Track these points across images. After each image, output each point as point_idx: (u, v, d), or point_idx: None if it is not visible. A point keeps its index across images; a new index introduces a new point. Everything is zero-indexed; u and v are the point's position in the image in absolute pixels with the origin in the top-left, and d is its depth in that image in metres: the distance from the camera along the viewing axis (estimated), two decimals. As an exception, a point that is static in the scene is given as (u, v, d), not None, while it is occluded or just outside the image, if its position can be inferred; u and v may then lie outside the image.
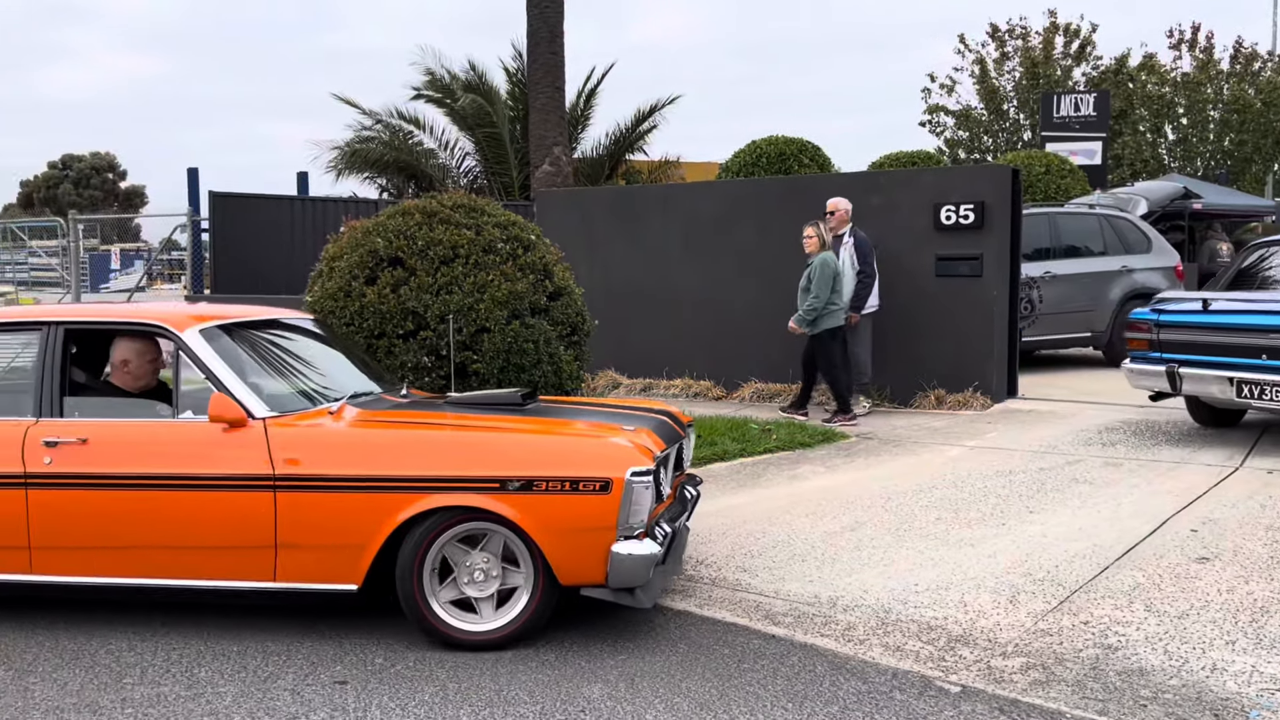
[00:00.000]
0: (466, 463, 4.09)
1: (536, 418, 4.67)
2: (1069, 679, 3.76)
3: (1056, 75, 29.66)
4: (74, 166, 64.75)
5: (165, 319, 4.57)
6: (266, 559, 4.17)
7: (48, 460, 4.26)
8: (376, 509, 4.07)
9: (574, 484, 4.01)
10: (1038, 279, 11.30)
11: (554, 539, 4.02)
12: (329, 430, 4.30)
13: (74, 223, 15.89)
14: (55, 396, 4.43)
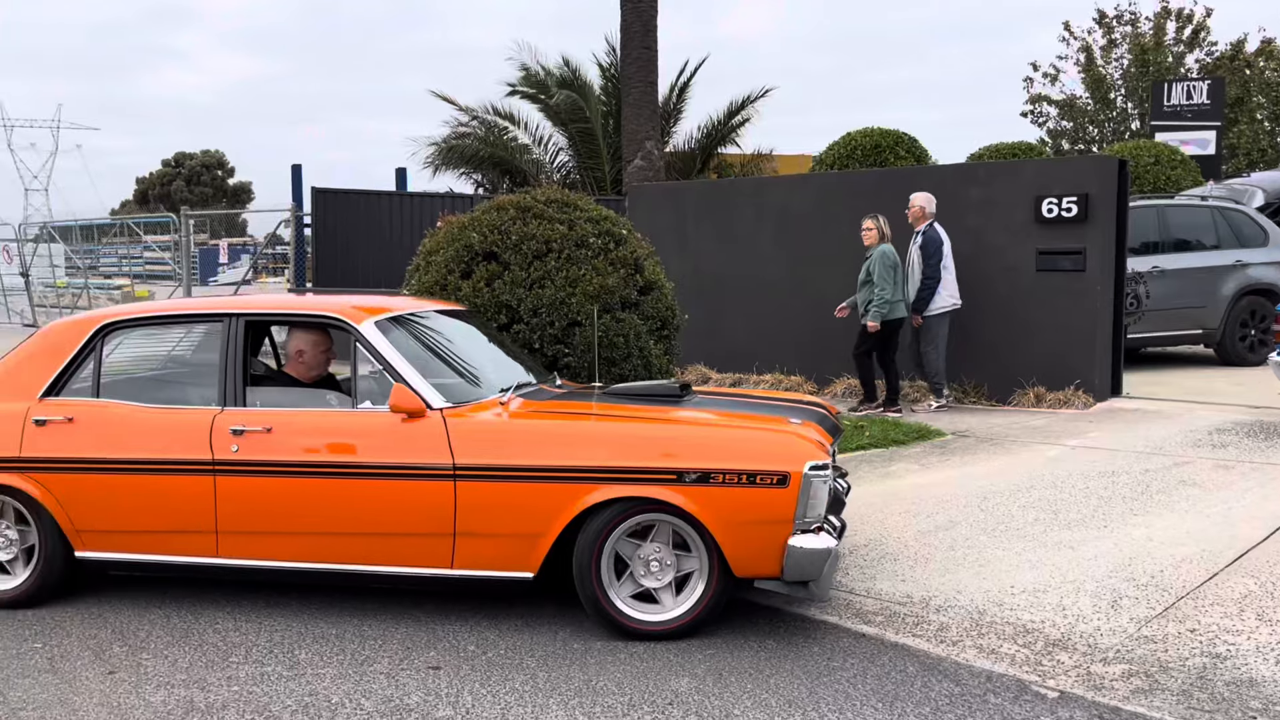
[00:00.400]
0: (644, 454, 4.12)
1: (700, 409, 4.71)
2: (1174, 688, 3.63)
3: (1167, 62, 28.57)
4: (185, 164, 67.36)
5: (341, 311, 4.65)
6: (445, 546, 4.24)
7: (235, 448, 4.38)
8: (555, 499, 4.12)
9: (751, 477, 4.02)
10: (1145, 274, 10.90)
11: (730, 531, 4.04)
12: (505, 421, 4.37)
13: (186, 218, 16.50)
14: (239, 386, 4.54)
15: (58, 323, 5.00)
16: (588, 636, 4.23)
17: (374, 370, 4.53)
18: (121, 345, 4.84)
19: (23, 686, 3.86)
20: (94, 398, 4.64)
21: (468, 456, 4.18)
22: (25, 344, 4.93)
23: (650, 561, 4.18)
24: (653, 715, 3.55)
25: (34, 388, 4.67)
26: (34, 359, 4.78)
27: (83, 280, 19.56)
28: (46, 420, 4.58)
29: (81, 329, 4.78)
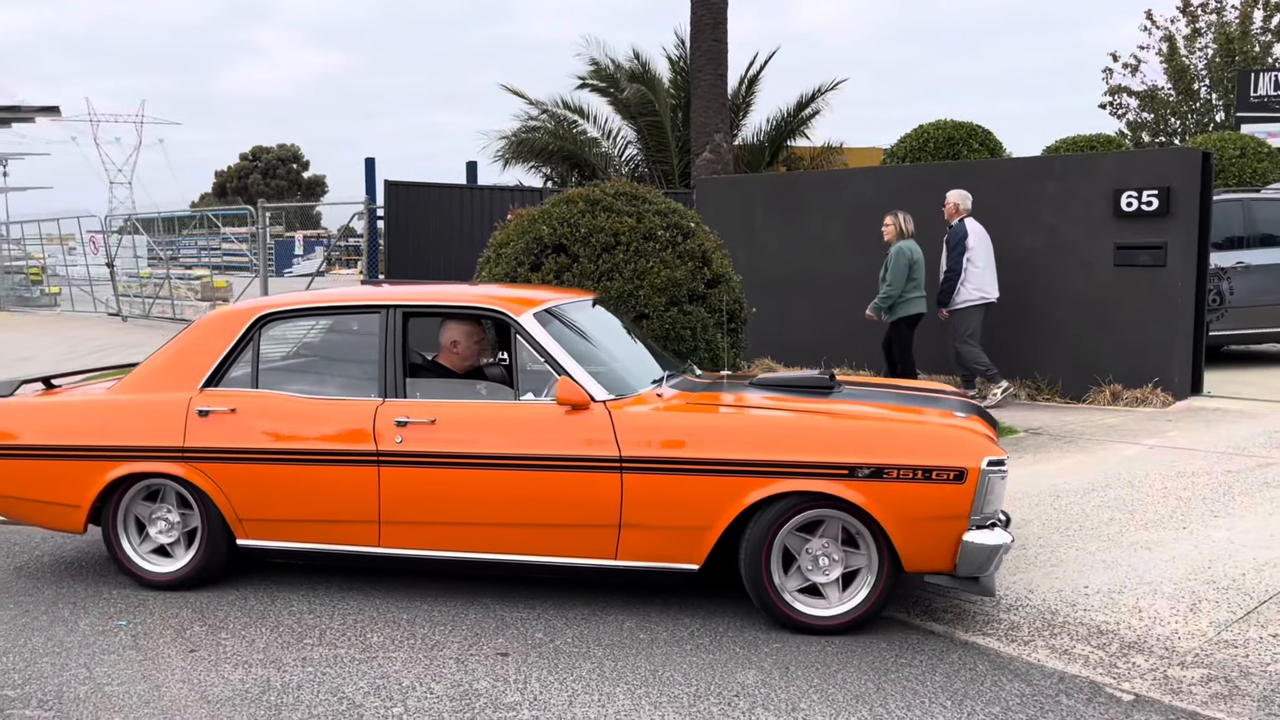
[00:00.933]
0: (816, 448, 4.09)
1: (858, 401, 4.67)
2: (1254, 694, 3.54)
3: (1254, 51, 27.62)
4: (262, 158, 68.89)
5: (501, 303, 4.66)
6: (609, 538, 4.25)
7: (399, 439, 4.40)
8: (725, 492, 4.11)
9: (927, 473, 3.99)
10: (1229, 269, 10.58)
11: (902, 526, 4.01)
12: (670, 413, 4.35)
13: (263, 211, 16.86)
14: (399, 377, 4.56)
15: (214, 313, 5.06)
16: (654, 627, 4.25)
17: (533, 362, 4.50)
18: (277, 335, 4.93)
19: (108, 662, 4.01)
20: (253, 388, 4.70)
21: (635, 449, 4.18)
22: (183, 334, 4.97)
23: (819, 557, 4.16)
24: (719, 707, 3.56)
25: (194, 378, 4.73)
26: (192, 349, 4.83)
27: (164, 271, 20.11)
28: (209, 411, 4.63)
29: (239, 319, 4.81)
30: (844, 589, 4.18)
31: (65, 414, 4.93)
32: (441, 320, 5.00)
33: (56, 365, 12.65)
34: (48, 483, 4.80)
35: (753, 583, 4.16)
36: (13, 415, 4.95)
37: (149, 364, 4.93)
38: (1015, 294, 9.14)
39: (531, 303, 4.68)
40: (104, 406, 4.90)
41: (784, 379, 4.98)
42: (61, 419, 4.90)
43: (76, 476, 4.74)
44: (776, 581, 4.15)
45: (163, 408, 4.71)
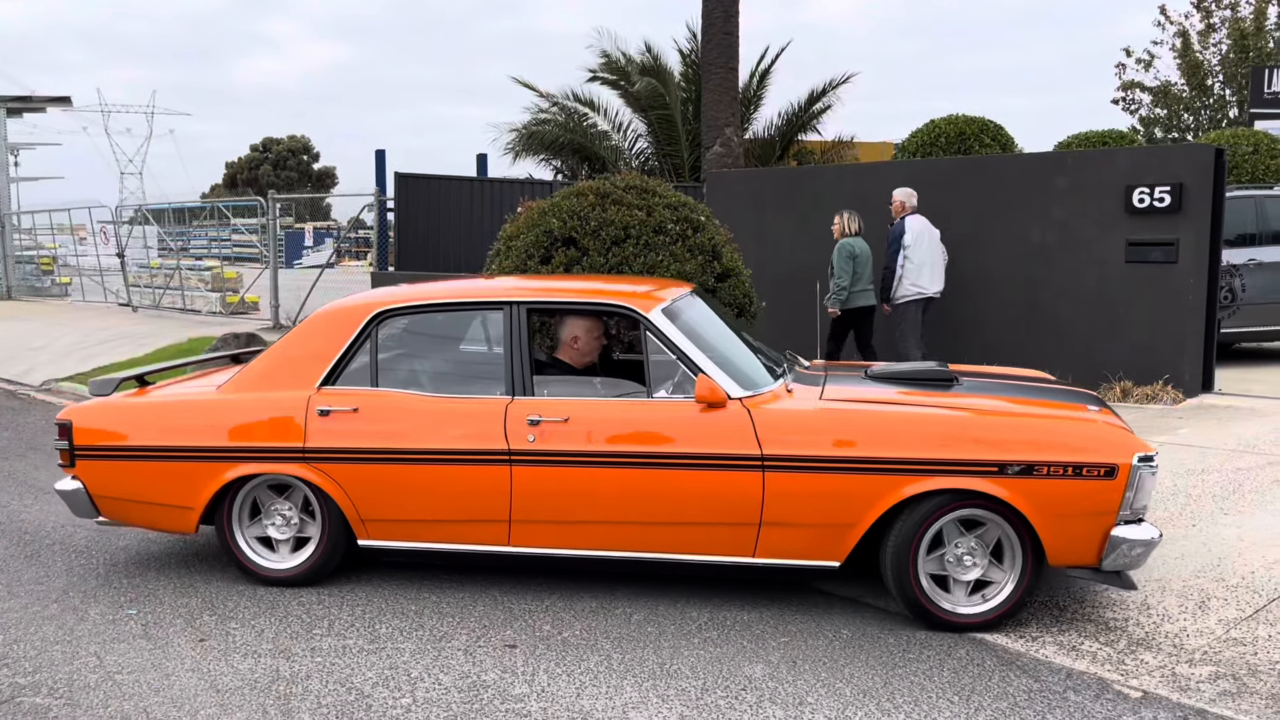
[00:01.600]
0: (966, 446, 4.05)
1: (985, 395, 4.63)
2: (1263, 692, 3.53)
3: (1269, 48, 27.45)
4: (272, 149, 69.00)
5: (629, 299, 4.55)
6: (748, 536, 4.20)
7: (531, 438, 4.31)
8: (870, 490, 4.07)
9: (1077, 469, 3.98)
10: (1241, 266, 10.53)
11: (1050, 523, 4.00)
12: (809, 410, 4.27)
13: (273, 202, 16.89)
14: (526, 375, 4.45)
15: (328, 309, 4.88)
16: (661, 621, 4.26)
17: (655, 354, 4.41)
18: (394, 331, 4.75)
19: (118, 651, 4.03)
20: (373, 386, 4.57)
21: (777, 447, 4.13)
22: (295, 331, 4.85)
23: (962, 554, 4.13)
24: (726, 700, 3.56)
25: (311, 377, 4.60)
26: (307, 347, 4.70)
27: (174, 261, 20.17)
28: (330, 410, 4.51)
29: (355, 316, 4.68)
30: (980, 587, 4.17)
31: (178, 414, 4.76)
32: (563, 316, 4.95)
33: (69, 354, 12.71)
34: (160, 484, 4.67)
35: (898, 579, 4.11)
36: (122, 416, 4.79)
37: (261, 362, 4.80)
38: (1026, 290, 9.12)
39: (656, 298, 4.58)
40: (218, 406, 4.71)
41: (900, 371, 4.90)
42: (174, 419, 4.72)
43: (191, 478, 4.62)
44: (923, 579, 4.11)
45: (280, 407, 4.58)
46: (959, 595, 4.15)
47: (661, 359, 4.39)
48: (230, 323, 16.31)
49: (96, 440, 4.74)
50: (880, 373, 4.90)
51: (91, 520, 4.89)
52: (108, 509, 4.82)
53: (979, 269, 9.36)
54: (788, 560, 4.22)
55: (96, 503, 4.79)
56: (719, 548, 4.26)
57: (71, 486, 4.79)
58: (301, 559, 4.70)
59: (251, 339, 11.01)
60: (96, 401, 4.90)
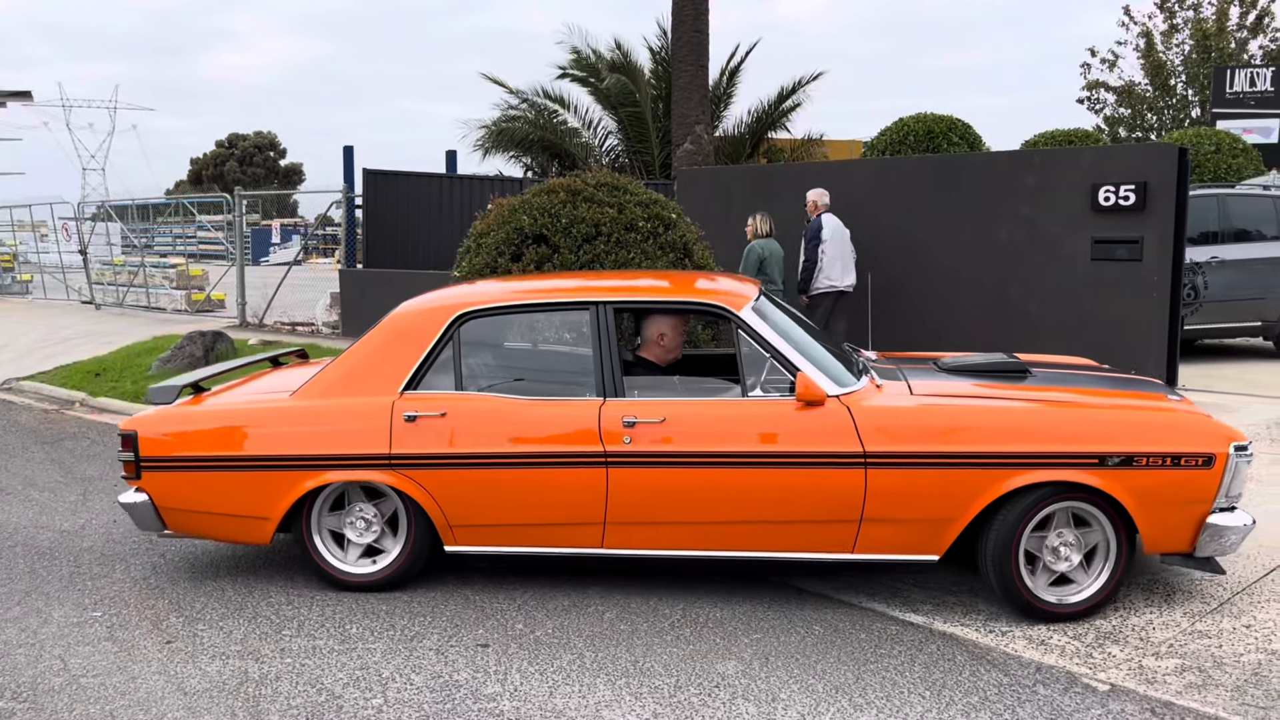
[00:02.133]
0: (1068, 439, 4.09)
1: (1064, 386, 4.66)
2: (1228, 684, 3.58)
3: (1230, 48, 27.86)
4: (239, 145, 68.29)
5: (720, 298, 4.51)
6: (848, 532, 4.20)
7: (627, 439, 4.23)
8: (974, 484, 4.09)
9: (1176, 459, 4.06)
10: (1203, 264, 10.69)
11: (1148, 512, 4.08)
12: (907, 406, 4.26)
13: (239, 198, 16.71)
14: (616, 375, 4.37)
15: (407, 311, 4.72)
16: (634, 619, 4.25)
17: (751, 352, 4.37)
18: (475, 332, 4.59)
19: (83, 654, 3.97)
20: (457, 390, 4.46)
21: (879, 443, 4.12)
22: (373, 335, 4.68)
23: (1058, 545, 4.18)
24: (700, 697, 3.57)
25: (393, 381, 4.47)
26: (387, 351, 4.56)
27: (138, 258, 19.90)
28: (418, 416, 4.37)
29: (437, 318, 4.55)
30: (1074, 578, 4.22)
31: (253, 422, 4.55)
32: (647, 314, 4.90)
33: (31, 353, 12.52)
34: (235, 495, 4.50)
35: (1000, 572, 4.14)
36: (192, 424, 4.60)
37: (339, 367, 4.63)
38: (994, 287, 9.19)
39: (744, 296, 4.55)
40: (296, 413, 4.52)
41: (972, 363, 4.91)
42: (250, 427, 4.53)
43: (270, 487, 4.46)
44: (1024, 570, 4.15)
45: (363, 413, 4.43)
46: (1048, 584, 4.21)
47: (752, 356, 4.36)
48: (196, 320, 16.13)
49: (165, 451, 4.55)
50: (952, 364, 4.93)
51: (155, 533, 4.73)
52: (175, 521, 4.62)
53: (948, 265, 9.43)
54: (885, 555, 4.24)
55: (163, 515, 4.59)
56: (817, 545, 4.25)
57: (136, 499, 4.57)
58: (385, 564, 4.57)
59: (218, 337, 10.89)
60: (160, 410, 4.70)
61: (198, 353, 10.43)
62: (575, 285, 4.73)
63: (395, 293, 15.10)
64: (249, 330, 14.62)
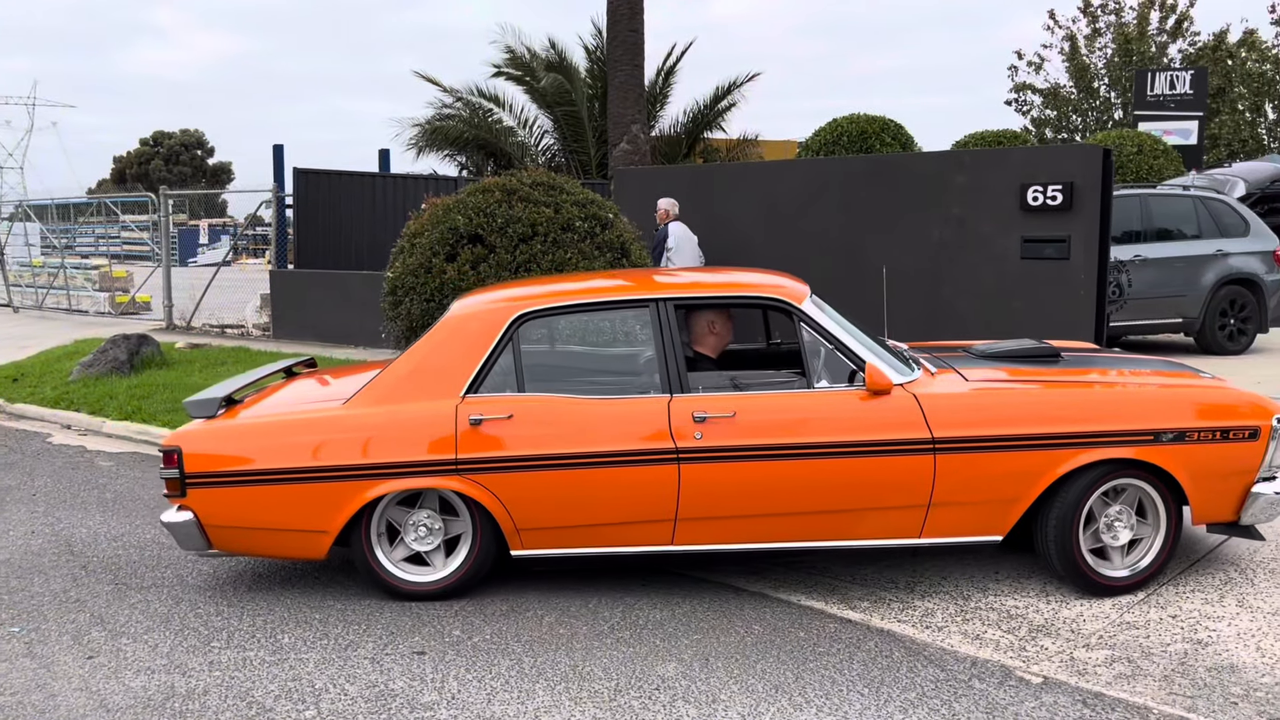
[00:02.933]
0: (1124, 418, 4.29)
1: (1105, 368, 4.86)
2: (1156, 674, 3.66)
3: (1151, 52, 28.67)
4: (164, 143, 66.68)
5: (782, 292, 4.55)
6: (917, 517, 4.30)
7: (698, 435, 4.23)
8: (1038, 465, 4.25)
9: (1224, 433, 4.31)
10: (1128, 262, 10.95)
11: (1199, 484, 4.32)
12: (970, 392, 4.39)
13: (164, 198, 16.30)
14: (681, 371, 4.36)
15: (463, 313, 4.61)
16: (573, 622, 4.22)
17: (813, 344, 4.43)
18: (533, 333, 4.57)
19: (0, 671, 3.82)
20: (519, 392, 4.37)
21: (947, 429, 4.24)
22: (429, 338, 4.56)
23: (1113, 522, 4.37)
24: (640, 700, 3.54)
25: (454, 385, 4.36)
26: (445, 354, 4.45)
27: (59, 260, 19.31)
28: (484, 419, 4.28)
29: (496, 320, 4.46)
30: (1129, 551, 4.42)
31: (309, 432, 4.39)
32: (698, 307, 4.90)
33: (-57, 358, 12.05)
34: (290, 509, 4.33)
35: (1061, 549, 4.30)
36: (242, 438, 4.43)
37: (395, 372, 4.49)
38: (927, 286, 9.32)
39: (802, 288, 4.62)
40: (353, 421, 4.38)
41: (1008, 350, 5.02)
42: (305, 438, 4.36)
43: (329, 499, 4.30)
44: (1084, 547, 4.32)
45: (427, 418, 4.31)
46: (1116, 560, 4.39)
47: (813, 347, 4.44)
48: (120, 323, 15.70)
49: (213, 466, 4.35)
50: (987, 351, 5.06)
51: (198, 553, 4.51)
52: (222, 539, 4.42)
53: (880, 264, 9.53)
54: (952, 538, 4.35)
55: (209, 533, 4.39)
56: (887, 531, 4.33)
57: (181, 518, 4.36)
58: (450, 570, 4.45)
59: (143, 340, 10.60)
60: (203, 424, 4.51)
61: (121, 356, 10.14)
62: (633, 283, 4.74)
63: (327, 294, 14.94)
64: (176, 333, 14.27)
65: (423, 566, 4.49)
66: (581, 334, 4.75)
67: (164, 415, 8.12)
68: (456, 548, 4.48)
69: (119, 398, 8.77)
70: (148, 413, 8.24)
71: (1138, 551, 4.42)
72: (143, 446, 7.60)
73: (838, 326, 4.49)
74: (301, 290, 13.61)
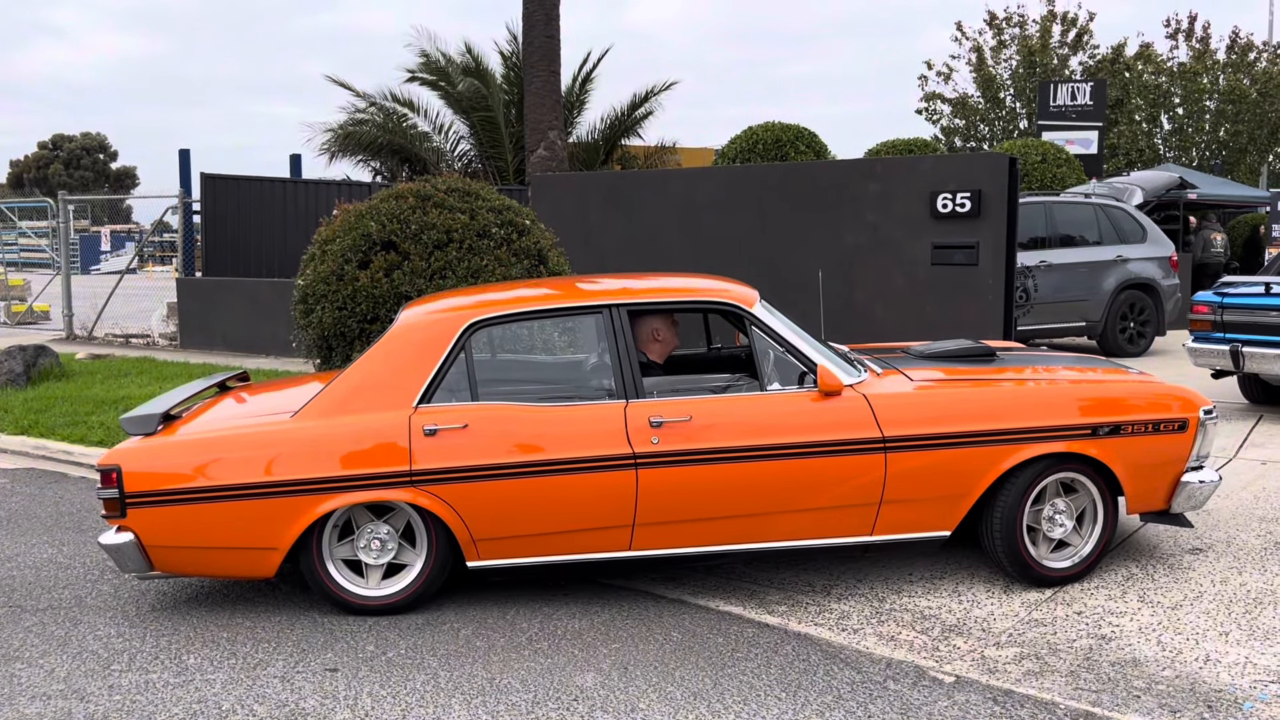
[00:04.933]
0: (1065, 414, 4.44)
1: (1038, 365, 5.05)
2: (1062, 669, 3.75)
3: (1053, 64, 29.60)
4: (64, 147, 64.42)
5: (732, 296, 4.59)
6: (868, 515, 4.37)
7: (655, 440, 4.22)
8: (984, 461, 4.36)
9: (1156, 425, 4.51)
10: (1033, 268, 11.28)
11: (1133, 475, 4.51)
12: (918, 392, 4.48)
13: (64, 203, 15.73)
14: (636, 376, 4.35)
15: (412, 322, 4.53)
16: (490, 634, 4.16)
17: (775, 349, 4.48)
18: (484, 341, 4.55)
19: (-117, 701, 3.62)
20: (473, 401, 4.30)
21: (896, 428, 4.31)
22: (377, 349, 4.48)
23: (1054, 515, 4.52)
24: (558, 712, 3.51)
25: (406, 395, 4.28)
26: (395, 364, 4.36)
27: (-48, 268, 18.51)
28: (439, 429, 4.20)
29: (446, 329, 4.39)
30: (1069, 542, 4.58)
31: (257, 447, 4.25)
32: (654, 314, 4.86)
33: None
34: (238, 527, 4.19)
35: (1006, 542, 4.42)
36: (185, 454, 4.27)
37: (343, 384, 4.39)
38: (841, 290, 9.46)
39: (751, 293, 4.66)
40: (304, 434, 4.26)
41: (947, 350, 5.11)
42: (253, 453, 4.23)
43: (278, 515, 4.18)
44: (1028, 540, 4.47)
45: (379, 430, 4.22)
46: (1046, 550, 4.55)
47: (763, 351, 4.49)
48: (16, 334, 15.09)
49: (155, 484, 4.18)
50: (924, 351, 5.16)
51: (138, 575, 4.31)
52: (164, 560, 4.26)
53: (796, 270, 9.65)
54: (901, 535, 4.43)
55: (151, 554, 4.21)
56: (840, 529, 4.40)
57: (121, 539, 4.18)
58: (403, 585, 4.34)
59: (41, 351, 10.19)
60: (143, 441, 4.32)
61: (18, 368, 9.74)
62: (584, 289, 4.71)
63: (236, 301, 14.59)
64: (77, 343, 13.76)
65: (382, 580, 4.40)
66: (533, 341, 4.76)
67: (63, 429, 7.81)
68: (411, 563, 4.39)
69: (14, 411, 8.41)
70: (45, 426, 7.92)
71: (1079, 542, 4.58)
72: (40, 462, 7.30)
73: (788, 329, 4.55)
74: (210, 298, 13.26)
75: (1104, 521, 4.56)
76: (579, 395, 4.53)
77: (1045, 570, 4.50)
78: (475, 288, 5.50)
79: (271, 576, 4.35)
